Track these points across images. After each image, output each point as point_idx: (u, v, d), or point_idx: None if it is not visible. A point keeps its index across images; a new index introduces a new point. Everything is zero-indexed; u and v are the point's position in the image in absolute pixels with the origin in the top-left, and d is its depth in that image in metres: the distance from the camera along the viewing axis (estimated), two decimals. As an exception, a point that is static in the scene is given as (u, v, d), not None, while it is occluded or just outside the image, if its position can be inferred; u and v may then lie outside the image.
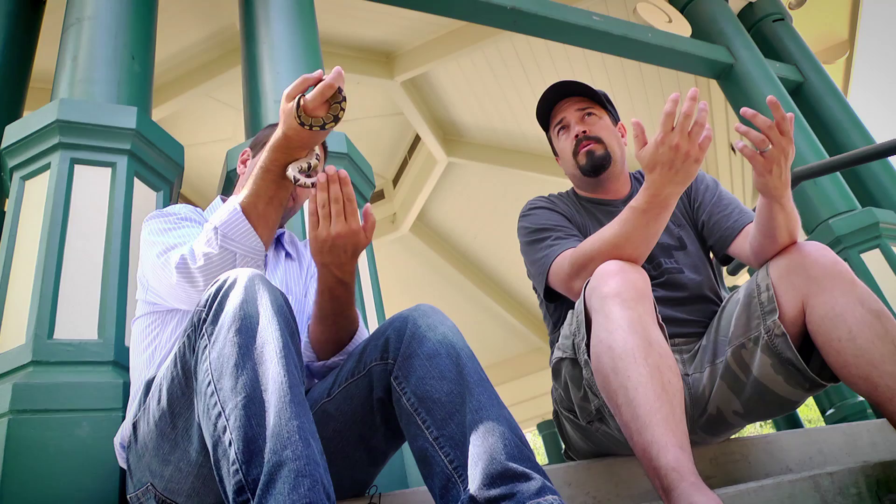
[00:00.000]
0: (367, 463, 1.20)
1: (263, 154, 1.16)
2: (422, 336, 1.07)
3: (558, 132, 1.76)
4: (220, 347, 0.91)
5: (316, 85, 1.11)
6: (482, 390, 1.00)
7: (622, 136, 1.76)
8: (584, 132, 1.69)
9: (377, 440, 1.17)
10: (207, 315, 0.95)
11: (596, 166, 1.68)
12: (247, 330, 0.91)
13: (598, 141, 1.69)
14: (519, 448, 0.94)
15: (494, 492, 0.89)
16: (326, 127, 1.13)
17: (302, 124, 1.10)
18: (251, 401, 0.86)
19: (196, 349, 0.95)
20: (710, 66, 3.89)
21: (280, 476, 0.79)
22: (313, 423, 0.88)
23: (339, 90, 1.11)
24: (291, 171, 1.15)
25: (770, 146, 1.24)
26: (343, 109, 1.14)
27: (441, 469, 0.97)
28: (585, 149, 1.68)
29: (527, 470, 0.92)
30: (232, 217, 1.14)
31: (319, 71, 1.12)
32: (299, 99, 1.11)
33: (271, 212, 1.17)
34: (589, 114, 1.71)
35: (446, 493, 0.96)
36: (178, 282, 1.14)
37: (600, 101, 1.73)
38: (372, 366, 1.12)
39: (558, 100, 1.77)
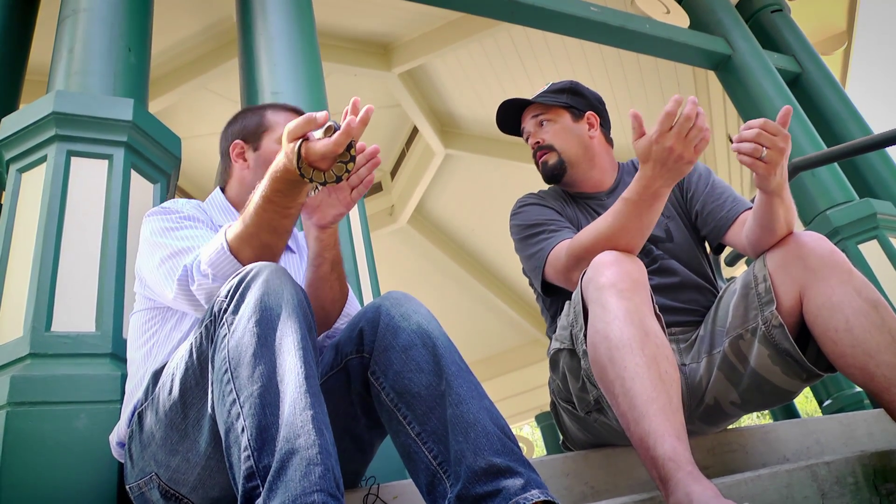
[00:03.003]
0: (356, 452, 1.21)
1: (263, 181, 1.05)
2: (396, 327, 1.07)
3: (527, 140, 1.80)
4: (238, 336, 0.91)
5: (321, 126, 0.98)
6: (461, 381, 1.00)
7: (591, 128, 1.74)
8: (538, 143, 1.73)
9: (360, 430, 1.17)
10: (229, 305, 0.96)
11: (549, 176, 1.72)
12: (267, 321, 0.92)
13: (551, 149, 1.71)
14: (502, 441, 0.94)
15: (480, 489, 0.90)
16: (327, 185, 1.02)
17: (302, 176, 0.99)
18: (266, 390, 0.86)
19: (215, 338, 0.96)
20: (708, 57, 3.88)
21: (291, 464, 0.80)
22: (327, 415, 0.89)
23: (351, 144, 0.99)
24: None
25: (765, 150, 1.24)
26: (349, 171, 1.01)
27: (426, 465, 0.97)
28: (540, 160, 1.73)
29: (511, 464, 0.92)
30: (218, 257, 1.08)
31: (325, 113, 0.98)
32: (301, 144, 0.98)
33: (277, 240, 1.10)
34: (543, 122, 1.73)
35: (433, 490, 0.96)
36: (176, 296, 1.13)
37: (557, 102, 1.73)
38: (348, 360, 1.12)
39: (521, 110, 1.80)
